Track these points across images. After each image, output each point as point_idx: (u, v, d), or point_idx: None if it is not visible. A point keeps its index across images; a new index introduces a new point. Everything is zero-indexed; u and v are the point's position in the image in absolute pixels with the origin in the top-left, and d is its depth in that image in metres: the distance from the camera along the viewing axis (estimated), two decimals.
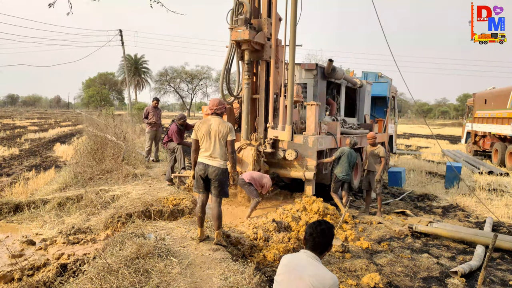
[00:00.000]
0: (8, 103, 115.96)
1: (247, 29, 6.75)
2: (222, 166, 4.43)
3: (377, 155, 7.31)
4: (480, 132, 17.23)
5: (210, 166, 4.41)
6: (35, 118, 45.32)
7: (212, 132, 4.42)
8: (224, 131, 4.41)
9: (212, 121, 4.49)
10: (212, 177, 4.44)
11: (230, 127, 4.45)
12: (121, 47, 30.37)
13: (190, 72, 61.72)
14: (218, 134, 4.40)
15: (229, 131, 4.43)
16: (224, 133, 4.41)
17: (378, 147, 7.37)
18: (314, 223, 2.54)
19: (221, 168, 4.42)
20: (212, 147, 4.42)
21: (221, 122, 4.48)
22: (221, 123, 4.46)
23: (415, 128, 48.81)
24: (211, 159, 4.42)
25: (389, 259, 5.14)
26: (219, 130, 4.41)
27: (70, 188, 7.95)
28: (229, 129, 4.43)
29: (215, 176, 4.41)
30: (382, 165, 7.31)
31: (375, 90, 11.75)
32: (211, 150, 4.42)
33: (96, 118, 23.43)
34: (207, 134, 4.44)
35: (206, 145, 4.46)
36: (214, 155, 4.42)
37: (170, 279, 3.44)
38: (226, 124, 4.46)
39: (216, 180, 4.43)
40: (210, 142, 4.43)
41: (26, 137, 20.35)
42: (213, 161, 4.42)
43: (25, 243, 4.77)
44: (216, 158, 4.42)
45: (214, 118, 4.51)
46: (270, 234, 5.33)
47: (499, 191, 9.80)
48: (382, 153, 7.28)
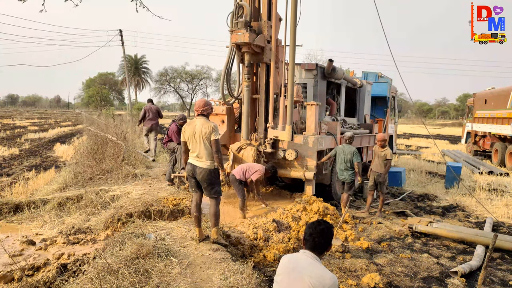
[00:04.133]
0: (8, 103, 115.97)
1: (247, 32, 6.76)
2: (208, 166, 4.46)
3: (384, 157, 7.20)
4: (480, 132, 17.22)
5: (197, 167, 4.47)
6: (35, 118, 45.32)
7: (197, 133, 4.45)
8: (207, 131, 4.43)
9: (197, 122, 4.52)
10: (199, 178, 4.49)
11: (213, 127, 4.45)
12: (121, 47, 30.38)
13: (190, 72, 61.72)
14: (202, 134, 4.43)
15: (212, 130, 4.43)
16: (207, 133, 4.42)
17: (386, 149, 7.25)
18: (313, 223, 2.53)
19: (207, 169, 4.45)
20: (198, 148, 4.47)
21: (205, 122, 4.49)
22: (205, 123, 4.47)
23: (415, 128, 48.79)
24: (198, 160, 4.49)
25: (389, 259, 5.14)
26: (202, 130, 4.43)
27: (70, 188, 7.95)
28: (212, 128, 4.43)
29: (202, 177, 4.47)
30: (387, 167, 7.25)
31: (375, 90, 11.75)
32: (197, 151, 4.47)
33: (96, 118, 23.43)
34: (193, 135, 4.49)
35: (192, 146, 4.52)
36: (200, 155, 4.47)
37: (170, 279, 3.44)
38: (209, 124, 4.46)
39: (205, 181, 4.48)
40: (196, 143, 4.47)
41: (26, 137, 20.36)
42: (199, 161, 4.47)
43: (25, 243, 4.77)
44: (202, 158, 4.46)
45: (199, 119, 4.54)
46: (270, 234, 5.33)
47: (499, 191, 9.80)
48: (389, 155, 7.18)
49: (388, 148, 7.36)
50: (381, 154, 7.24)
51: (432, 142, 25.87)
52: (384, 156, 7.21)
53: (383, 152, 7.23)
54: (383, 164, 7.26)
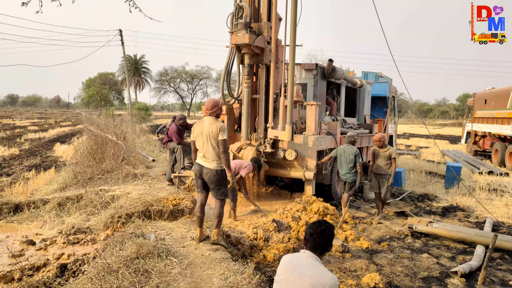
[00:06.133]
0: (8, 103, 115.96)
1: (247, 33, 6.76)
2: (215, 167, 4.42)
3: (389, 157, 6.88)
4: (480, 132, 17.22)
5: (204, 168, 4.44)
6: (35, 118, 45.32)
7: (205, 133, 4.43)
8: (214, 131, 4.39)
9: (205, 121, 4.50)
10: (206, 178, 4.47)
11: (221, 127, 4.41)
12: (121, 47, 30.33)
13: (190, 72, 61.77)
14: (209, 134, 4.40)
15: (219, 130, 4.39)
16: (215, 133, 4.39)
17: (388, 149, 6.93)
18: (314, 224, 2.53)
19: (214, 170, 4.41)
20: (205, 148, 4.44)
21: (213, 122, 4.45)
22: (213, 123, 4.44)
23: (415, 128, 48.79)
24: (205, 160, 4.45)
25: (389, 259, 5.14)
26: (210, 130, 4.40)
27: (70, 188, 7.94)
28: (220, 128, 4.39)
29: (209, 178, 4.43)
30: (393, 167, 6.88)
31: (375, 90, 11.75)
32: (204, 151, 4.45)
33: (96, 118, 23.42)
34: (201, 135, 4.46)
35: (200, 146, 4.49)
36: (207, 155, 4.44)
37: (170, 279, 3.44)
38: (217, 124, 4.43)
39: (212, 182, 4.45)
40: (203, 143, 4.44)
41: (26, 137, 20.36)
42: (206, 162, 4.44)
43: (25, 243, 4.76)
44: (209, 159, 4.42)
45: (208, 119, 4.51)
46: (270, 234, 5.33)
47: (499, 191, 9.80)
48: (394, 154, 6.85)
49: (390, 146, 7.09)
50: (385, 154, 6.90)
51: (432, 142, 25.87)
52: (388, 155, 6.87)
53: (386, 151, 6.90)
54: (388, 164, 6.91)
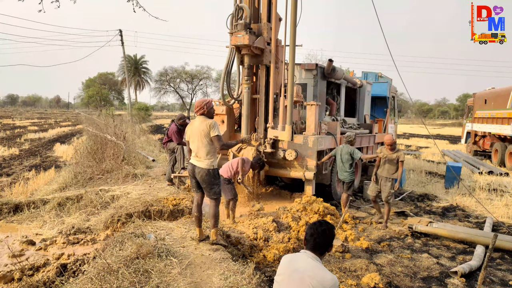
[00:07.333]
0: (8, 103, 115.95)
1: (247, 34, 6.75)
2: (207, 166, 4.36)
3: (396, 160, 6.52)
4: (480, 132, 17.23)
5: (196, 167, 4.41)
6: (35, 118, 45.34)
7: (196, 132, 4.40)
8: (205, 129, 4.34)
9: (196, 121, 4.48)
10: (198, 178, 4.43)
11: (211, 124, 4.33)
12: (121, 47, 30.35)
13: (190, 72, 61.70)
14: (200, 133, 4.36)
15: (210, 128, 4.32)
16: (205, 131, 4.34)
17: (398, 151, 6.57)
18: (315, 224, 2.53)
19: (205, 169, 4.36)
20: (196, 147, 4.42)
21: (203, 120, 4.40)
22: (203, 121, 4.39)
23: (415, 128, 48.80)
24: (197, 160, 4.43)
25: (389, 259, 5.13)
26: (200, 128, 4.37)
27: (70, 188, 7.95)
28: (210, 126, 4.32)
29: (201, 177, 4.40)
30: (400, 171, 6.53)
31: (375, 90, 11.75)
32: (196, 150, 4.43)
33: (96, 118, 23.43)
34: (193, 135, 4.45)
35: (192, 145, 4.47)
36: (199, 154, 4.41)
37: (170, 279, 3.44)
38: (207, 122, 4.36)
39: (203, 182, 4.41)
40: (195, 142, 4.43)
41: (26, 137, 20.36)
42: (198, 161, 4.41)
43: (25, 243, 4.77)
44: (201, 158, 4.39)
45: (198, 118, 4.48)
46: (270, 234, 5.33)
47: (499, 191, 9.80)
48: (403, 157, 6.52)
49: (399, 149, 6.75)
50: (393, 156, 6.53)
51: (432, 142, 25.88)
52: (396, 158, 6.51)
53: (395, 154, 6.54)
54: (395, 168, 6.56)
